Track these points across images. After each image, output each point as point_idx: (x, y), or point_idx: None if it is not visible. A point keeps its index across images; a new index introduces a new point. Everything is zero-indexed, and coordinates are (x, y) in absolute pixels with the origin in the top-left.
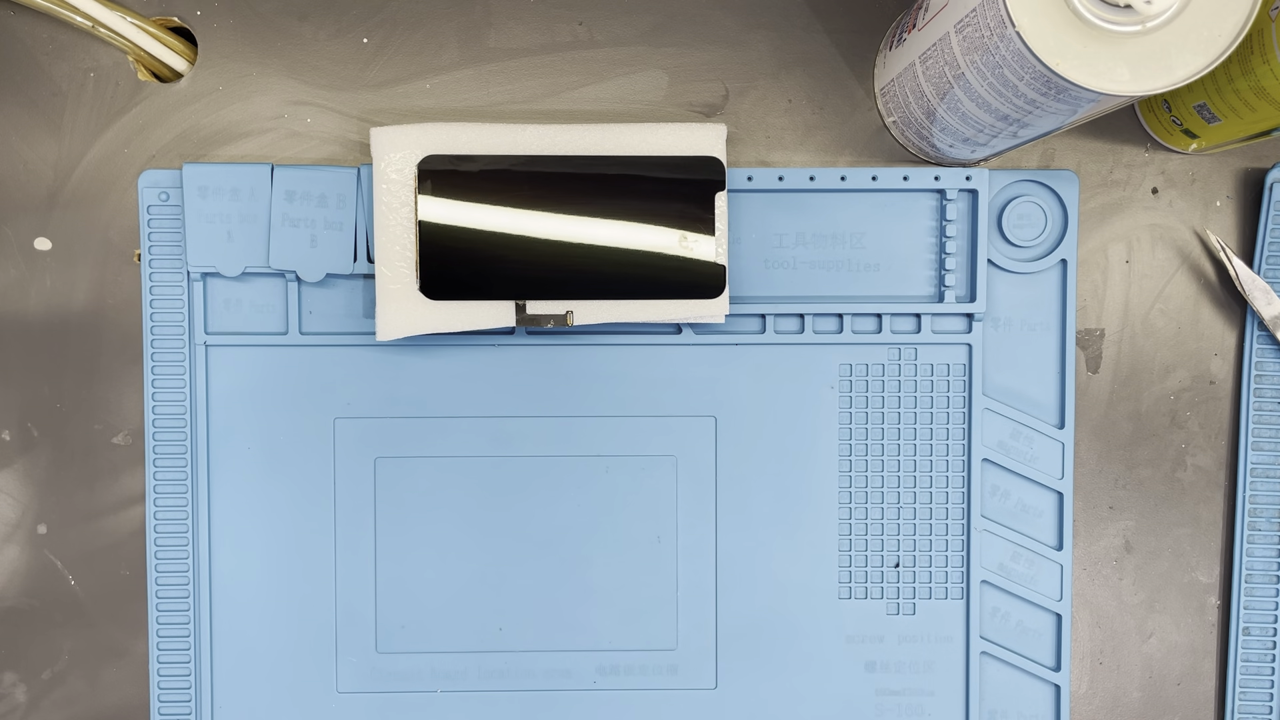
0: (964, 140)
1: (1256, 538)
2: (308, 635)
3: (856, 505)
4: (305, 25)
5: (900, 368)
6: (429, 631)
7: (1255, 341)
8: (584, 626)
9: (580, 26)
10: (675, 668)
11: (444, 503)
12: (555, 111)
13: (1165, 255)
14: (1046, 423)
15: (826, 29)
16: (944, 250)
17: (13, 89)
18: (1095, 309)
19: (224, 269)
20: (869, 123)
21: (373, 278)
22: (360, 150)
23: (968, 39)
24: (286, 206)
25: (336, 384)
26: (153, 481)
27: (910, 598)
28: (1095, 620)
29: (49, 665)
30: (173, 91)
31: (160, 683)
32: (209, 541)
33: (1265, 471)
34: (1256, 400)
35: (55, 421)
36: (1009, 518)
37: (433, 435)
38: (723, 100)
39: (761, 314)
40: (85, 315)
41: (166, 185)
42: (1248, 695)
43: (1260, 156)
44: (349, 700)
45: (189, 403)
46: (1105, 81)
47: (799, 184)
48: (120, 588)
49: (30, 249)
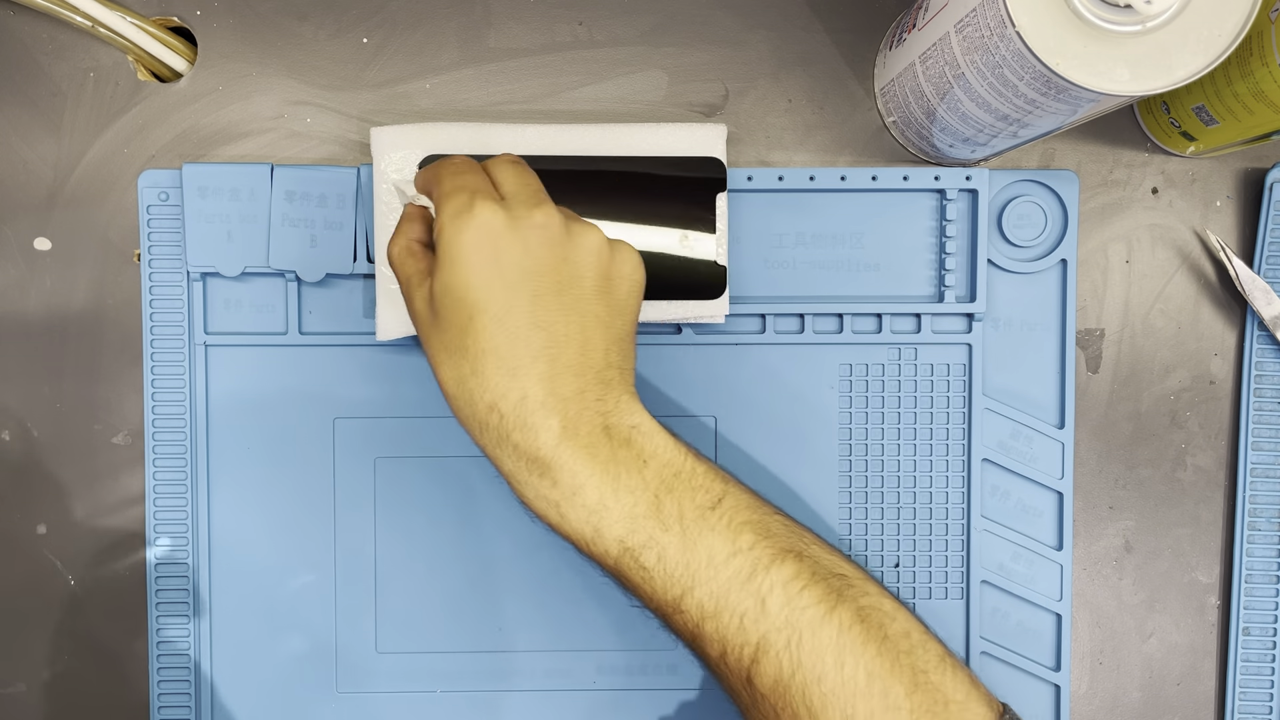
0: (964, 140)
1: (1256, 538)
2: (308, 635)
3: (856, 505)
4: (305, 25)
5: (900, 368)
6: (429, 631)
7: (1255, 341)
8: (584, 626)
9: (580, 26)
10: (675, 668)
11: (444, 503)
12: (555, 111)
13: (1165, 255)
14: (1046, 423)
15: (826, 29)
16: (944, 250)
17: (13, 89)
18: (1095, 309)
19: (224, 269)
20: (869, 123)
21: (372, 278)
22: (360, 150)
23: (968, 39)
24: (286, 206)
25: (336, 384)
26: (153, 481)
27: (910, 597)
28: (1095, 620)
29: (49, 665)
30: (173, 91)
31: (160, 683)
32: (209, 541)
33: (1265, 471)
34: (1256, 400)
35: (55, 421)
36: (1009, 518)
37: (433, 435)
38: (723, 100)
39: (761, 314)
40: (85, 315)
41: (166, 185)
42: (1248, 695)
43: (1260, 157)
44: (349, 700)
45: (189, 403)
46: (1105, 81)
47: (799, 184)
48: (120, 588)
49: (30, 249)
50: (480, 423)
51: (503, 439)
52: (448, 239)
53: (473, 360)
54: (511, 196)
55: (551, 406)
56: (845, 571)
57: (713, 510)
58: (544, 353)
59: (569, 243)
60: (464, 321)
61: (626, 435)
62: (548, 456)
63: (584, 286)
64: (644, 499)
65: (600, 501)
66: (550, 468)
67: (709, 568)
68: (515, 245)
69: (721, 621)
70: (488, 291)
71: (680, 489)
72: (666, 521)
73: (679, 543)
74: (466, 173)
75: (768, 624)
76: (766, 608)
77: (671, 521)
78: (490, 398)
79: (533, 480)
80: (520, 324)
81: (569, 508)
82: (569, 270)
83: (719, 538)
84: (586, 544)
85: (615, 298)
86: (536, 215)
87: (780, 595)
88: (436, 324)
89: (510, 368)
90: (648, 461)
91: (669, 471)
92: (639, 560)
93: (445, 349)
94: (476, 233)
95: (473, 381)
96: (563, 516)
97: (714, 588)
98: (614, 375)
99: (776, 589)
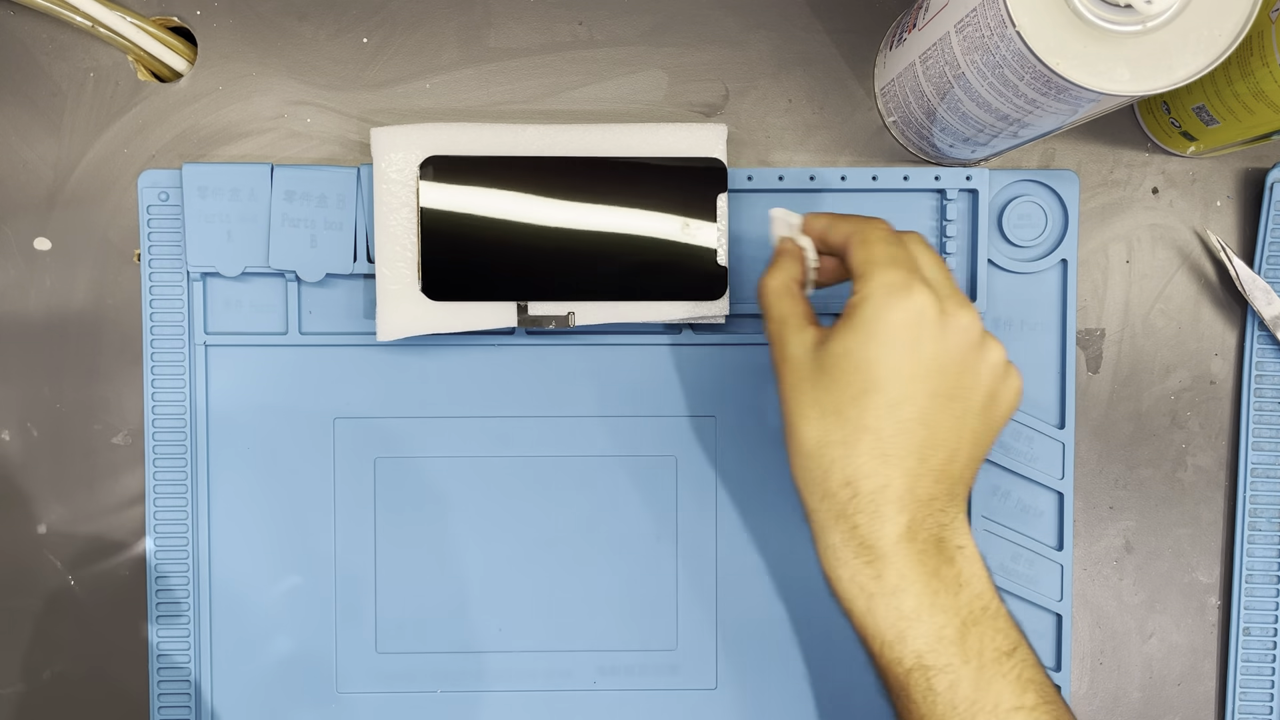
0: (964, 140)
1: (1257, 538)
2: (308, 635)
3: None
4: (305, 25)
5: None
6: (429, 631)
7: (1255, 341)
8: (584, 626)
9: (580, 26)
10: (675, 668)
11: (444, 503)
12: (555, 111)
13: (1165, 255)
14: (1047, 423)
15: (826, 29)
16: (944, 250)
17: (13, 89)
18: (1095, 309)
19: (224, 269)
20: (869, 123)
21: (372, 278)
22: (360, 150)
23: (968, 39)
24: (286, 206)
25: (336, 384)
26: (153, 481)
27: None
28: (1095, 620)
29: (49, 665)
30: (173, 91)
31: (160, 682)
32: (209, 541)
33: (1265, 471)
34: (1257, 400)
35: (55, 421)
36: (1009, 518)
37: (433, 435)
38: (723, 100)
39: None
40: (85, 315)
41: (166, 185)
42: (1248, 695)
43: (1260, 157)
44: (349, 700)
45: (189, 403)
46: (1105, 81)
47: (799, 184)
48: (120, 588)
49: (30, 249)
50: (826, 491)
51: (844, 516)
52: (875, 310)
53: (849, 431)
54: (939, 287)
55: (906, 503)
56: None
57: (1009, 657)
58: (918, 450)
59: (978, 353)
60: (856, 392)
61: (952, 554)
62: (884, 549)
63: (974, 399)
64: (953, 623)
65: (916, 611)
66: (881, 560)
67: (993, 714)
68: (937, 341)
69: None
70: (895, 375)
71: (986, 625)
72: (968, 654)
73: (974, 679)
74: (898, 245)
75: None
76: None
77: (972, 655)
78: (850, 474)
79: (856, 565)
80: (910, 416)
81: (882, 605)
82: (969, 380)
83: (1009, 687)
84: (884, 645)
85: (993, 417)
86: (964, 317)
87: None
88: (820, 380)
89: (883, 453)
90: (964, 586)
91: (979, 604)
92: (930, 682)
93: (819, 406)
94: (907, 315)
95: (839, 450)
96: (870, 610)
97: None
98: (962, 491)
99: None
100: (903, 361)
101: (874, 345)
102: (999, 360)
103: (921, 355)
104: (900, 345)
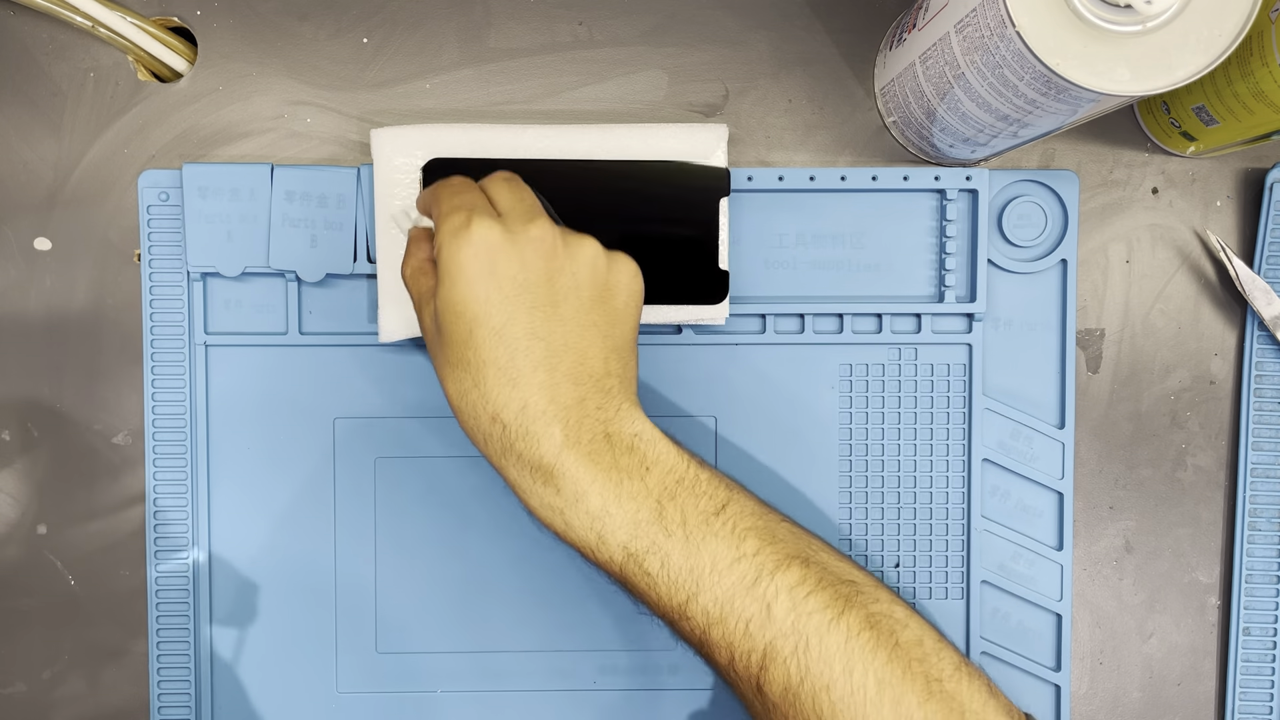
0: (964, 140)
1: (1256, 538)
2: (308, 635)
3: (857, 505)
4: (305, 25)
5: (900, 368)
6: (429, 631)
7: (1255, 341)
8: (584, 627)
9: (580, 26)
10: (675, 668)
11: (444, 503)
12: (555, 111)
13: (1165, 255)
14: (1046, 423)
15: (826, 29)
16: (944, 250)
17: (13, 89)
18: (1095, 309)
19: (224, 269)
20: (869, 123)
21: (373, 278)
22: (360, 150)
23: (968, 39)
24: (286, 206)
25: (336, 384)
26: (153, 481)
27: (910, 598)
28: (1095, 620)
29: (49, 665)
30: (173, 91)
31: (160, 683)
32: (209, 541)
33: (1265, 471)
34: (1257, 400)
35: (55, 421)
36: (1009, 518)
37: (433, 435)
38: (723, 100)
39: (761, 314)
40: (85, 315)
41: (166, 185)
42: (1248, 695)
43: (1260, 157)
44: (349, 700)
45: (189, 403)
46: (1105, 81)
47: (799, 184)
48: (120, 588)
49: (30, 249)
50: (484, 434)
51: (506, 449)
52: (447, 256)
53: (474, 373)
54: (507, 212)
55: (552, 415)
56: (854, 578)
57: (716, 516)
58: (543, 362)
59: (565, 255)
60: (464, 335)
61: (629, 442)
62: (550, 464)
63: (581, 297)
64: (647, 505)
65: (603, 508)
66: (553, 475)
67: (713, 573)
68: (512, 259)
69: (727, 627)
70: (486, 305)
71: (683, 495)
72: (670, 527)
73: (682, 548)
74: (463, 192)
75: (774, 630)
76: (772, 613)
77: (675, 527)
78: (492, 409)
79: (537, 488)
80: (518, 335)
81: (573, 514)
82: (566, 281)
83: (723, 543)
84: (591, 550)
85: (613, 307)
86: (532, 229)
87: (786, 601)
88: (440, 339)
89: (510, 378)
90: (650, 468)
91: (672, 478)
92: (643, 566)
93: (449, 363)
94: (473, 248)
95: (475, 394)
96: (567, 524)
97: (718, 593)
98: (614, 384)
99: (782, 594)
100: (488, 290)
101: (459, 287)
102: (592, 254)
103: (502, 278)
104: (479, 277)
